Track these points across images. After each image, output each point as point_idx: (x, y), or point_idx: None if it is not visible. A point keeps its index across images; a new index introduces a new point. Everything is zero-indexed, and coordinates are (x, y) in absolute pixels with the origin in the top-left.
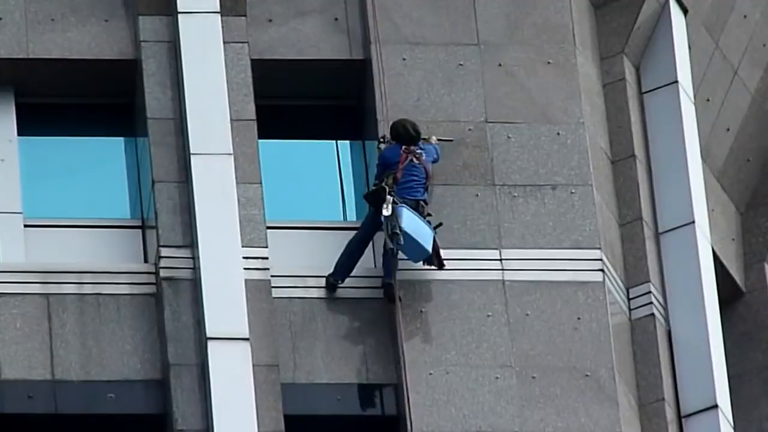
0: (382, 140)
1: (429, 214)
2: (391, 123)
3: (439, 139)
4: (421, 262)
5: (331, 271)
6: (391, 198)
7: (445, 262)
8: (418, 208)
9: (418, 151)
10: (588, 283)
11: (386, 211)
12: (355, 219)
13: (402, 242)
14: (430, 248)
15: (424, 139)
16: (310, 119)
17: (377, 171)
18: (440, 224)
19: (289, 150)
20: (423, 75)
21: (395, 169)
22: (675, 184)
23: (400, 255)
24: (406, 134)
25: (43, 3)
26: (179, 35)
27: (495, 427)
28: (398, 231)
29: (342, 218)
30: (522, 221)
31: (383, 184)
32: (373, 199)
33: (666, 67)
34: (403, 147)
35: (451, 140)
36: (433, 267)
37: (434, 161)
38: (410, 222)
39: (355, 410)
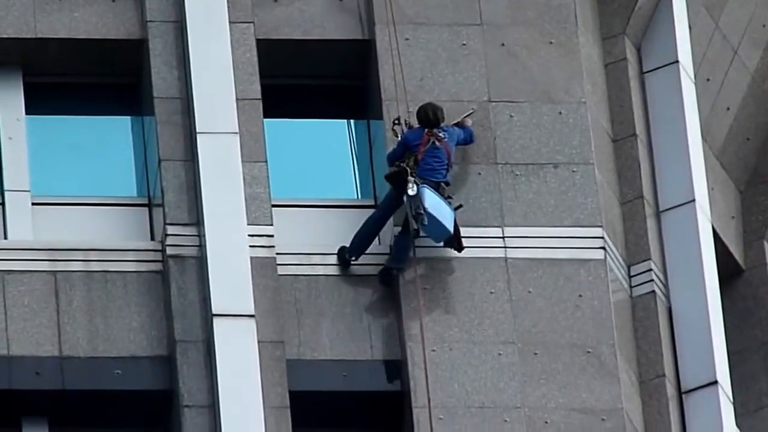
0: (396, 122)
1: (449, 196)
2: (395, 102)
3: (464, 117)
4: (442, 243)
5: (347, 246)
6: (413, 179)
7: (463, 245)
8: (438, 189)
9: (441, 134)
10: (589, 260)
11: (411, 191)
12: (359, 197)
13: (426, 222)
14: (451, 229)
15: (456, 123)
16: (314, 98)
17: (398, 152)
18: (461, 206)
19: (294, 129)
20: (426, 55)
21: (416, 151)
22: (675, 162)
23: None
24: (425, 118)
25: None
26: (185, 15)
27: (497, 402)
28: (422, 211)
29: (347, 196)
30: (524, 199)
31: (405, 165)
32: (395, 179)
33: (667, 47)
34: (426, 130)
35: (474, 110)
36: (451, 248)
37: (461, 143)
38: (433, 202)
39: (359, 386)
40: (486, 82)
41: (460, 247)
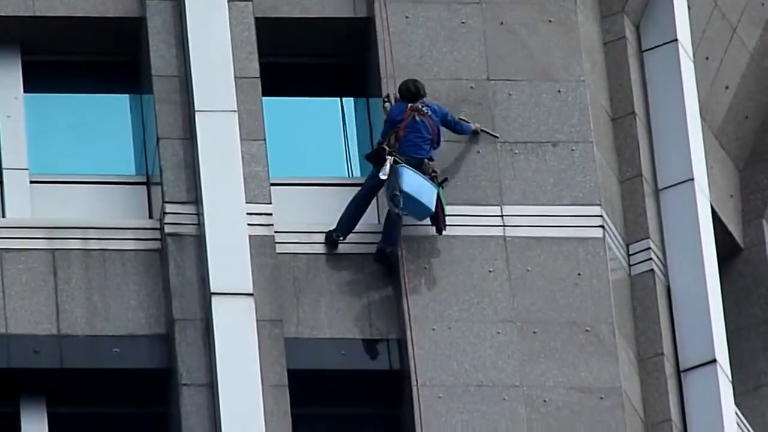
0: (386, 99)
1: (434, 172)
2: (393, 80)
3: (482, 130)
4: (428, 220)
5: (334, 227)
6: (391, 159)
7: (446, 227)
8: (422, 166)
9: (424, 108)
10: (588, 239)
11: (383, 175)
12: (359, 175)
13: (401, 204)
14: (433, 207)
15: (465, 120)
16: (313, 77)
17: (384, 129)
18: (446, 179)
19: (293, 107)
20: (425, 33)
21: (398, 127)
22: (674, 141)
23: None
24: (406, 91)
25: None
26: None
27: (496, 381)
28: (398, 193)
29: (345, 175)
30: (523, 178)
31: (385, 143)
32: (374, 159)
33: (665, 25)
34: (409, 105)
35: (497, 136)
36: (443, 228)
37: (456, 129)
38: (411, 182)
39: (358, 365)
40: (485, 60)
41: (439, 229)
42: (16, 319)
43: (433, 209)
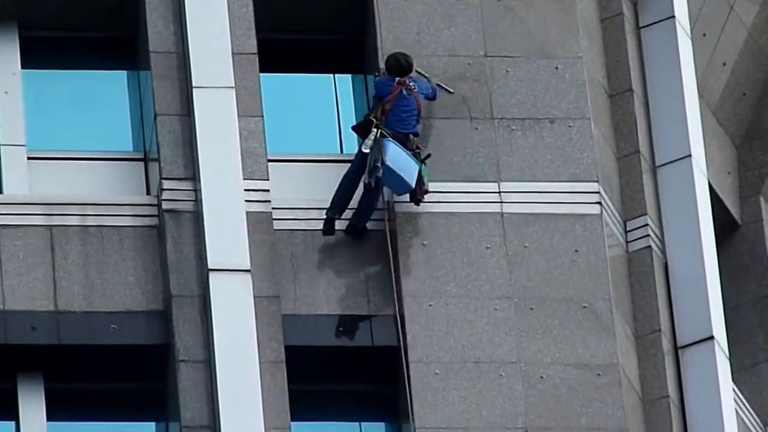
0: (377, 75)
1: (418, 148)
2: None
3: (438, 85)
4: (408, 196)
5: (328, 205)
6: (376, 132)
7: (424, 199)
8: (407, 140)
9: (410, 83)
10: (586, 215)
11: (365, 148)
12: (355, 152)
13: (381, 175)
14: (413, 183)
15: (424, 76)
16: (311, 53)
17: (373, 103)
18: (429, 155)
19: (290, 83)
20: (423, 9)
21: (385, 101)
22: (672, 118)
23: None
24: (396, 65)
25: None
26: None
27: (493, 357)
28: (379, 164)
29: (343, 151)
30: (520, 154)
31: (372, 116)
32: (361, 131)
33: (663, 2)
34: (396, 79)
35: (452, 92)
36: (421, 200)
37: (428, 98)
38: (394, 156)
39: (355, 341)
40: (482, 36)
41: (417, 201)
42: (13, 296)
43: (413, 185)
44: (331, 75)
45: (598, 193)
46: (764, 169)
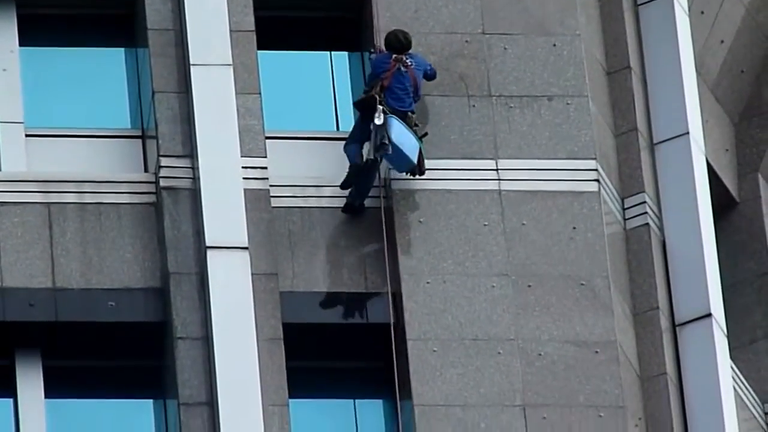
0: (372, 51)
1: (416, 125)
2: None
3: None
4: (405, 173)
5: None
6: (382, 107)
7: (425, 170)
8: (405, 118)
9: (408, 60)
10: (583, 193)
11: (378, 120)
12: (348, 130)
13: (389, 152)
14: (415, 160)
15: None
16: (308, 31)
17: (369, 79)
18: (426, 134)
19: (288, 61)
20: None
21: (383, 77)
22: (669, 95)
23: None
24: (396, 42)
25: None
26: None
27: (491, 334)
28: (387, 142)
29: (341, 128)
30: (518, 132)
31: (373, 92)
32: (363, 107)
33: None
34: (394, 56)
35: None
36: (416, 177)
37: (427, 76)
38: (399, 133)
39: (352, 318)
40: (480, 14)
41: (422, 172)
42: (11, 273)
43: (416, 162)
44: (330, 52)
45: (596, 170)
46: (762, 146)
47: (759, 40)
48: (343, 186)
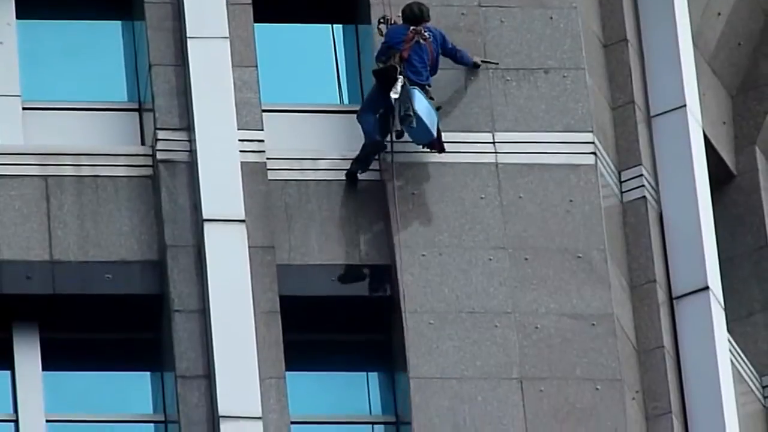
0: (381, 20)
1: (432, 98)
2: (384, 6)
3: (483, 60)
4: (421, 146)
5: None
6: (401, 78)
7: (445, 148)
8: (423, 91)
9: (426, 32)
10: (580, 165)
11: (394, 94)
12: (348, 102)
13: (414, 125)
14: (435, 132)
15: (492, 63)
16: (305, 3)
17: (381, 50)
18: (440, 107)
19: (284, 34)
20: None
21: (401, 48)
22: (667, 68)
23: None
24: (411, 14)
25: None
26: None
27: (488, 308)
28: (411, 113)
29: (336, 101)
30: (515, 104)
31: (392, 62)
32: (382, 77)
33: None
34: (411, 28)
35: (497, 63)
36: (432, 150)
37: (446, 51)
38: (421, 105)
39: (349, 291)
40: None
41: (441, 149)
42: (8, 245)
43: (435, 135)
44: (326, 25)
45: (593, 143)
46: (759, 119)
47: (756, 12)
48: (354, 164)
